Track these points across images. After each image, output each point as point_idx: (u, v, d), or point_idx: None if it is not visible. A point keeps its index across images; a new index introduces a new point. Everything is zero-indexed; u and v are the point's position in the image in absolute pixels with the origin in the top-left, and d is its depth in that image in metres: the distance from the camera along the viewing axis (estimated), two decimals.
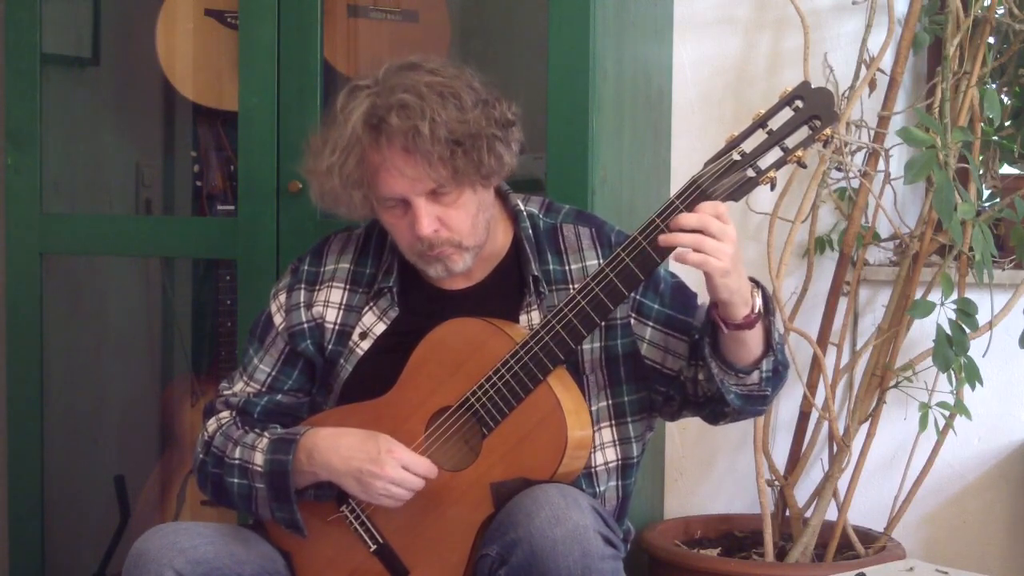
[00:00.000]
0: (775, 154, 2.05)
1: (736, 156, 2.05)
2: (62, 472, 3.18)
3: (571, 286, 2.25)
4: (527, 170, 2.47)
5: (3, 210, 3.05)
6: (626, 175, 2.87)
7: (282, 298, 2.37)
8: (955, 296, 2.88)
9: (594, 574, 2.02)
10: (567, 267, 2.29)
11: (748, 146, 2.05)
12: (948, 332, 2.83)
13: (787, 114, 2.04)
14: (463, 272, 2.25)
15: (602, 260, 2.19)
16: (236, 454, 2.28)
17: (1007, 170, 3.13)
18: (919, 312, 2.87)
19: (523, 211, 2.31)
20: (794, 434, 3.06)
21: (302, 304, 2.35)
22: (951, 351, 2.82)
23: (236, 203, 2.93)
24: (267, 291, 2.42)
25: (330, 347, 2.32)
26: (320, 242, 2.41)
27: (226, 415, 2.35)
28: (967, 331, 2.84)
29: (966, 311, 2.84)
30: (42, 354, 3.04)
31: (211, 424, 2.35)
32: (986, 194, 3.08)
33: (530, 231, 2.30)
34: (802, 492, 3.04)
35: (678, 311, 2.27)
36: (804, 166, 2.12)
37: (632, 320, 2.26)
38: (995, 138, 3.02)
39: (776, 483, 3.02)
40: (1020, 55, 2.95)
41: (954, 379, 2.87)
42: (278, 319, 2.36)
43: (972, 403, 2.92)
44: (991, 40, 2.93)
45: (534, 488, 2.08)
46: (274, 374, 2.36)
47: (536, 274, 2.26)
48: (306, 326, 2.34)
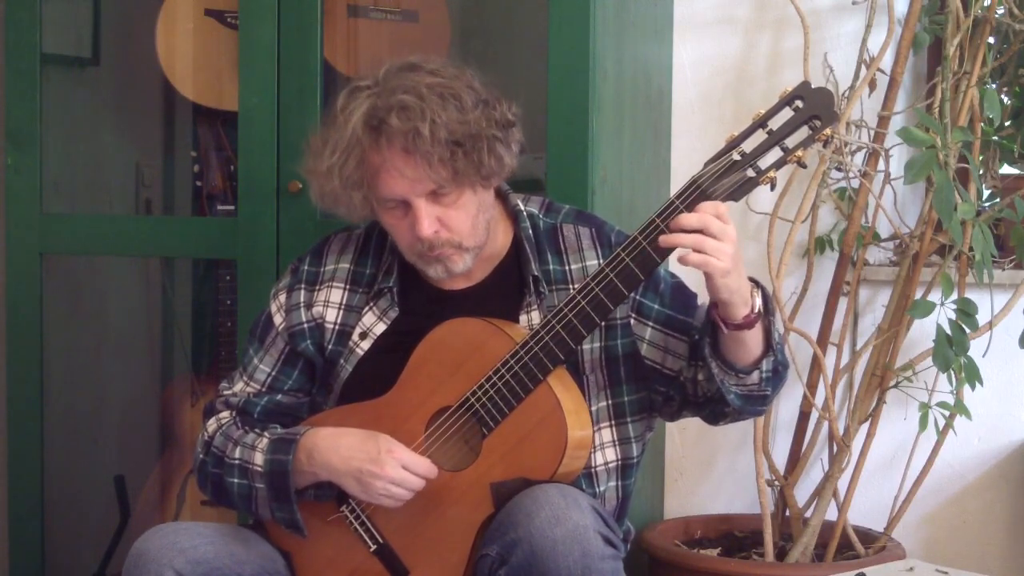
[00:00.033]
0: (775, 154, 2.05)
1: (736, 156, 2.05)
2: (62, 472, 3.18)
3: (571, 286, 2.25)
4: (527, 170, 2.47)
5: (3, 210, 3.05)
6: (626, 175, 2.87)
7: (282, 298, 2.37)
8: (955, 296, 2.88)
9: (594, 574, 2.02)
10: (567, 267, 2.28)
11: (748, 146, 2.05)
12: (948, 332, 2.83)
13: (787, 114, 2.04)
14: (463, 273, 2.25)
15: (602, 260, 2.18)
16: (236, 454, 2.28)
17: (1007, 170, 3.13)
18: (919, 312, 2.87)
19: (523, 211, 2.31)
20: (794, 434, 3.06)
21: (302, 304, 2.35)
22: (951, 351, 2.82)
23: (236, 203, 2.93)
24: (267, 291, 2.42)
25: (330, 347, 2.32)
26: (320, 242, 2.40)
27: (226, 415, 2.35)
28: (967, 331, 2.84)
29: (966, 311, 2.84)
30: (42, 354, 3.04)
31: (211, 424, 2.35)
32: (986, 194, 3.08)
33: (530, 231, 2.30)
34: (802, 492, 3.04)
35: (678, 311, 2.26)
36: (804, 166, 2.12)
37: (632, 320, 2.26)
38: (995, 138, 3.02)
39: (776, 483, 3.02)
40: (1020, 55, 2.95)
41: (954, 379, 2.87)
42: (278, 319, 2.36)
43: (972, 403, 2.92)
44: (991, 40, 2.92)
45: (534, 488, 2.08)
46: (274, 374, 2.36)
47: (536, 274, 2.26)
48: (306, 326, 2.34)
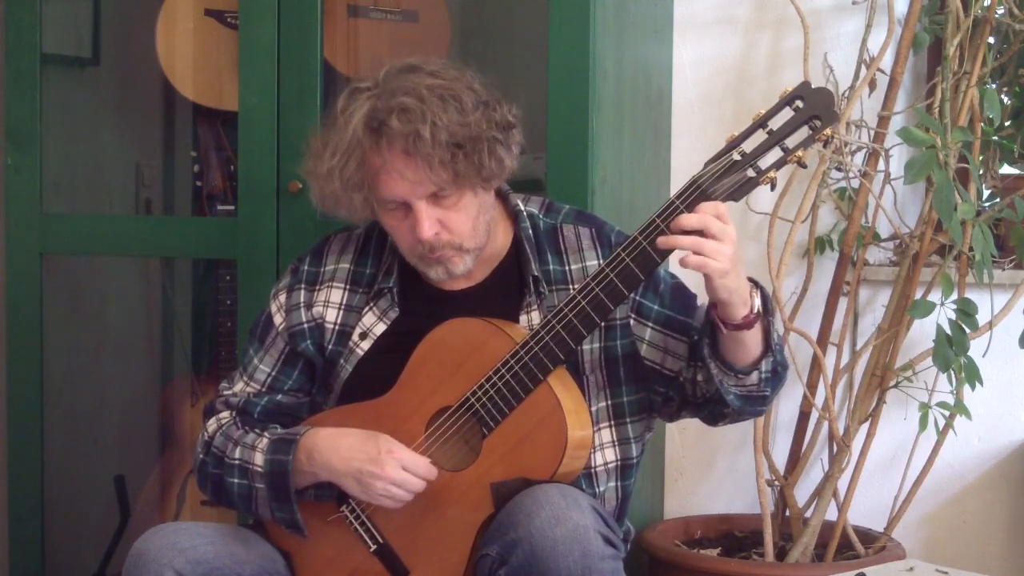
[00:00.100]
0: (775, 154, 2.05)
1: (736, 156, 2.05)
2: (62, 472, 3.18)
3: (571, 286, 2.25)
4: (527, 170, 2.47)
5: (3, 210, 3.05)
6: (626, 175, 2.87)
7: (282, 298, 2.37)
8: (955, 296, 2.88)
9: (594, 574, 2.02)
10: (567, 267, 2.28)
11: (748, 146, 2.05)
12: (948, 332, 2.83)
13: (787, 114, 2.04)
14: (464, 274, 2.26)
15: (602, 260, 2.18)
16: (236, 454, 2.28)
17: (1007, 170, 3.13)
18: (919, 312, 2.87)
19: (523, 211, 2.31)
20: (794, 434, 3.06)
21: (302, 304, 2.35)
22: (951, 351, 2.82)
23: (236, 203, 2.93)
24: (267, 291, 2.42)
25: (330, 347, 2.32)
26: (320, 242, 2.40)
27: (226, 415, 2.35)
28: (967, 331, 2.84)
29: (966, 311, 2.84)
30: (42, 354, 3.04)
31: (211, 424, 2.35)
32: (986, 194, 3.08)
33: (530, 231, 2.29)
34: (802, 492, 3.04)
35: (678, 312, 2.26)
36: (804, 166, 2.12)
37: (632, 321, 2.26)
38: (995, 138, 3.02)
39: (776, 483, 3.01)
40: (1020, 55, 2.95)
41: (954, 379, 2.87)
42: (278, 319, 2.36)
43: (972, 403, 2.92)
44: (991, 40, 2.92)
45: (534, 488, 2.08)
46: (274, 374, 2.36)
47: (536, 274, 2.26)
48: (306, 326, 2.34)
